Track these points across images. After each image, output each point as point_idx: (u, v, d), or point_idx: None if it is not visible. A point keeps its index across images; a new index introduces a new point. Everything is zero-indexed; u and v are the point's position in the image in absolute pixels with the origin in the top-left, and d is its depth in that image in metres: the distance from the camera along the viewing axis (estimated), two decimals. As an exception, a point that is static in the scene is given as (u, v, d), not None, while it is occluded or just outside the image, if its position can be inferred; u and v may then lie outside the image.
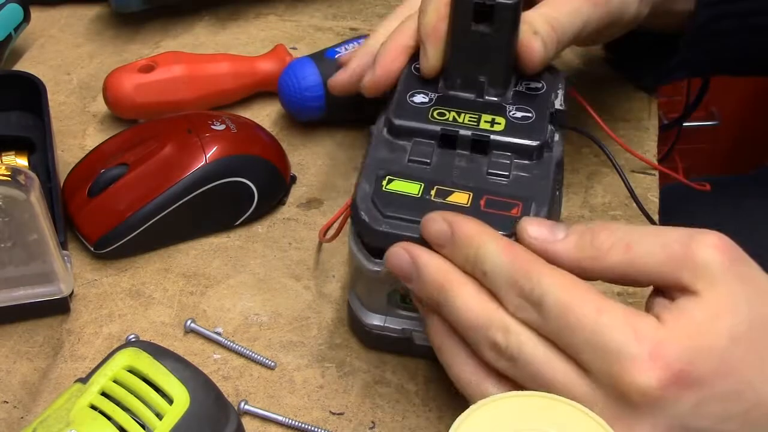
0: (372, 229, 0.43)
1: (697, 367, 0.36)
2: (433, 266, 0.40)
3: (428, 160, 0.45)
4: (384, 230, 0.42)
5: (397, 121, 0.46)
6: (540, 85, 0.48)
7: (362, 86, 0.51)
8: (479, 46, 0.46)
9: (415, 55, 0.50)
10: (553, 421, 0.34)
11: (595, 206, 0.56)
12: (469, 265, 0.40)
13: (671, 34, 0.58)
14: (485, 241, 0.39)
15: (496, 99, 0.48)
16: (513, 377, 0.38)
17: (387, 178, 0.44)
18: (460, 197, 0.43)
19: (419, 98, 0.48)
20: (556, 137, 0.47)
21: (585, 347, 0.37)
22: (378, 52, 0.50)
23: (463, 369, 0.40)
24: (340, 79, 0.53)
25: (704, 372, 0.36)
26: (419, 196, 0.43)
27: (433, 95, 0.48)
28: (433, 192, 0.43)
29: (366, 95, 0.51)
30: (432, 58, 0.48)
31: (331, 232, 0.50)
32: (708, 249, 0.37)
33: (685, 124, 0.81)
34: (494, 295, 0.39)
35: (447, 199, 0.43)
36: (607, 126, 0.54)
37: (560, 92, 0.49)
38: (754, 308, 0.37)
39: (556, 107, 0.48)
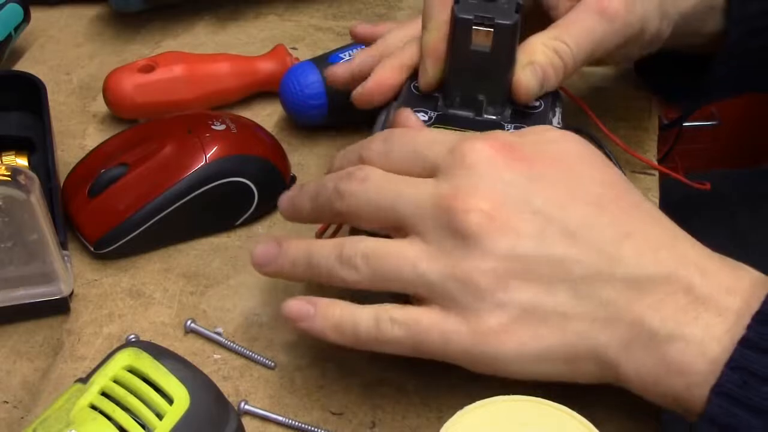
0: None
1: (527, 148, 0.42)
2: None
3: None
4: None
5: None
6: (538, 104, 0.49)
7: (353, 96, 0.51)
8: (478, 65, 0.47)
9: (414, 74, 0.50)
10: (541, 423, 0.34)
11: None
12: (352, 157, 0.45)
13: (701, 54, 0.57)
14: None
15: (494, 117, 0.48)
16: (358, 211, 0.42)
17: None
18: None
19: (419, 116, 0.48)
20: None
21: (429, 153, 0.42)
22: (376, 67, 0.51)
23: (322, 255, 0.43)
24: (340, 73, 0.54)
25: (536, 156, 0.41)
26: None
27: (433, 114, 0.48)
28: None
29: (356, 106, 0.51)
30: (431, 76, 0.49)
31: (329, 232, 0.50)
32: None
33: (685, 124, 0.81)
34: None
35: None
36: (607, 126, 0.54)
37: (558, 110, 0.49)
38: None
39: (555, 125, 0.48)
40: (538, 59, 0.47)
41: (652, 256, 0.39)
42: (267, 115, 0.63)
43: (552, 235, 0.40)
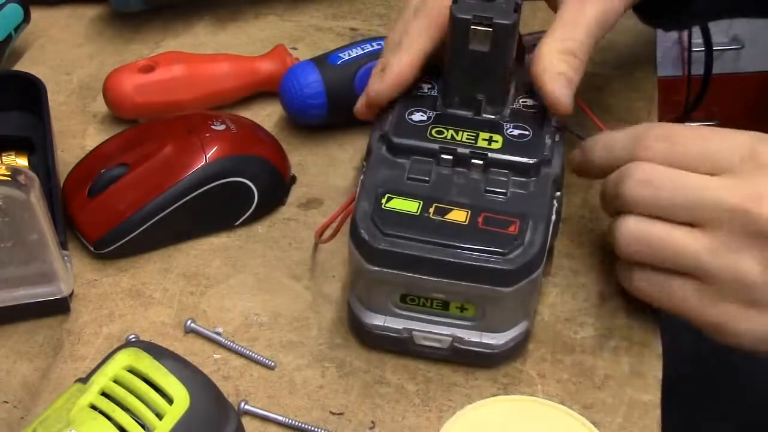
0: (372, 248, 0.43)
1: None
2: None
3: (427, 178, 0.46)
4: (383, 248, 0.43)
5: (396, 140, 0.47)
6: (537, 103, 0.49)
7: (354, 110, 0.52)
8: (476, 65, 0.47)
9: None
10: (541, 423, 0.34)
11: (595, 206, 0.56)
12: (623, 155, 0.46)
13: None
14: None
15: (493, 117, 0.48)
16: (651, 199, 0.44)
17: (386, 196, 0.45)
18: (459, 215, 0.44)
19: (417, 116, 0.48)
20: (556, 154, 0.47)
21: (722, 154, 0.43)
22: (389, 62, 0.50)
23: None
24: (359, 107, 0.53)
25: None
26: (418, 213, 0.44)
27: (432, 113, 0.48)
28: (431, 209, 0.44)
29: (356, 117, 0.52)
30: (383, 93, 0.49)
31: (328, 232, 0.50)
32: None
33: (685, 124, 0.81)
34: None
35: (446, 216, 0.44)
36: (607, 126, 0.54)
37: None
38: None
39: (553, 125, 0.48)
40: (563, 69, 0.47)
41: None
42: (267, 116, 0.63)
43: None
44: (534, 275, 0.44)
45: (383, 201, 0.45)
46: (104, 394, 0.38)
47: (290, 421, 0.45)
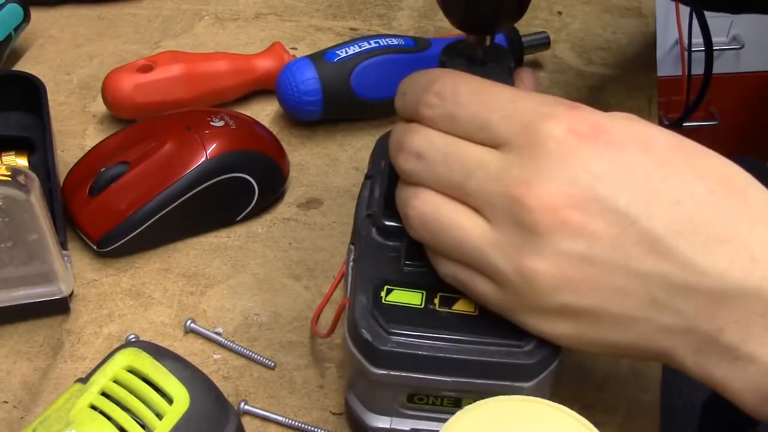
0: (376, 349, 0.39)
1: (618, 130, 0.36)
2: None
3: (425, 264, 0.41)
4: (389, 349, 0.39)
5: (388, 222, 0.43)
6: None
7: None
8: None
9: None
10: (541, 423, 0.34)
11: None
12: (409, 107, 0.40)
13: None
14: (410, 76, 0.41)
15: None
16: (425, 175, 0.39)
17: (385, 288, 0.41)
18: (466, 304, 0.41)
19: None
20: None
21: (501, 119, 0.37)
22: None
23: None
24: None
25: (627, 139, 0.36)
26: (422, 306, 0.40)
27: None
28: (436, 300, 0.41)
29: None
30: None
31: (324, 322, 0.47)
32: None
33: (685, 124, 0.81)
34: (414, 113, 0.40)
35: (453, 307, 0.40)
36: None
37: None
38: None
39: None
40: None
41: (746, 266, 0.34)
42: (266, 115, 0.63)
43: (631, 241, 0.35)
44: (554, 365, 0.40)
45: (383, 294, 0.41)
46: (104, 394, 0.38)
47: (290, 421, 0.45)
